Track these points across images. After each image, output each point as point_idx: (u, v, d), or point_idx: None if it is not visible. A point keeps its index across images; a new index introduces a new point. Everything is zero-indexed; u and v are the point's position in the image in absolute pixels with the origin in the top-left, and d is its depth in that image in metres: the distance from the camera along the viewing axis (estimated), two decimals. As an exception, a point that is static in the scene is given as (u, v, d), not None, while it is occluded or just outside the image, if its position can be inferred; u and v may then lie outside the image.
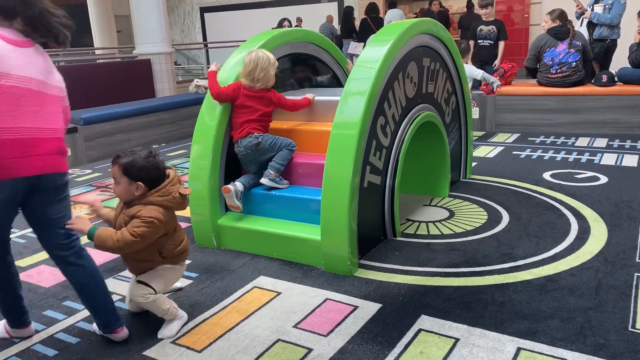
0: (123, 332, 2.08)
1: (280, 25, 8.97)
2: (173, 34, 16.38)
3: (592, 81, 5.62)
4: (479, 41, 6.60)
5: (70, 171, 5.06)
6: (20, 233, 3.39)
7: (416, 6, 12.95)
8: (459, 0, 12.38)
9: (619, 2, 6.00)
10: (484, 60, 6.57)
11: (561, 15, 5.68)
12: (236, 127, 2.92)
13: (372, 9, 9.19)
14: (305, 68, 3.76)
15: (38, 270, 2.78)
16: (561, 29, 5.60)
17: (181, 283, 2.50)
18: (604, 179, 3.87)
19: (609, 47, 6.21)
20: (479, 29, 6.60)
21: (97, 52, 11.42)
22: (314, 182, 2.84)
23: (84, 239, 2.00)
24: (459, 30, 9.92)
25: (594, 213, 3.19)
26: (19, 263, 2.90)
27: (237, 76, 2.94)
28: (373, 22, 8.92)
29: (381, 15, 10.02)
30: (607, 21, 6.04)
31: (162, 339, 2.07)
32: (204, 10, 16.38)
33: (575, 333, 1.97)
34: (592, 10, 6.16)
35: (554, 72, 5.64)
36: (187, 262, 2.76)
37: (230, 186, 2.83)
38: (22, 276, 2.71)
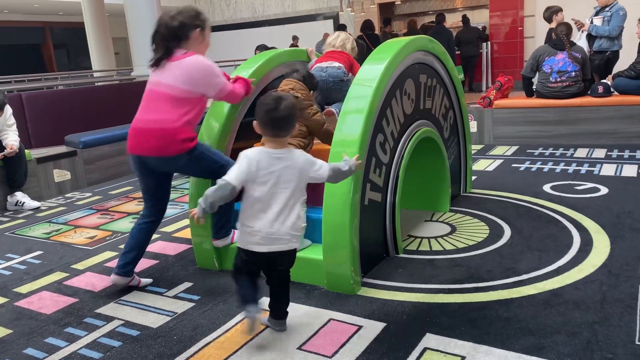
0: None
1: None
2: (170, 55, 16.48)
3: (589, 92, 5.65)
4: None
5: (70, 194, 5.07)
6: (21, 259, 3.37)
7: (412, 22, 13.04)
8: (453, 15, 12.50)
9: (617, 13, 6.01)
10: None
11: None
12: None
13: (367, 26, 9.26)
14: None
15: (39, 297, 2.77)
16: (560, 41, 5.65)
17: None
18: (604, 190, 3.87)
19: (610, 59, 6.22)
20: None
21: (95, 74, 11.47)
22: (314, 201, 2.83)
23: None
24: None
25: (596, 225, 3.18)
26: (18, 290, 2.89)
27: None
28: (369, 39, 8.99)
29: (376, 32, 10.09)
30: (606, 33, 6.06)
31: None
32: (200, 30, 16.54)
33: (582, 348, 1.95)
34: (592, 22, 6.20)
35: (553, 80, 5.66)
36: (189, 284, 2.77)
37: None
38: (23, 303, 2.70)
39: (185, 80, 2.51)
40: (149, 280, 2.83)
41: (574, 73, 5.56)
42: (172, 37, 2.54)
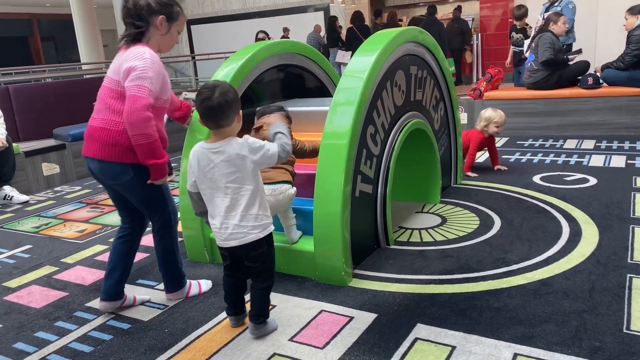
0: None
1: (256, 38, 8.98)
2: (160, 47, 16.32)
3: (578, 84, 5.69)
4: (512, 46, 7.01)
5: (59, 188, 5.03)
6: (10, 253, 3.35)
7: (401, 14, 13.03)
8: (444, 6, 12.49)
9: (567, 7, 6.10)
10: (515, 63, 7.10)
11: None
12: None
13: (357, 18, 9.24)
14: (294, 79, 3.77)
15: (28, 291, 2.75)
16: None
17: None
18: (593, 181, 3.90)
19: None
20: (511, 35, 7.00)
21: (83, 67, 11.35)
22: (305, 193, 2.83)
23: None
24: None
25: (585, 215, 3.21)
26: (8, 284, 2.86)
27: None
28: (359, 31, 8.97)
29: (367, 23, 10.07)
30: None
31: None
32: (190, 22, 16.39)
33: (571, 337, 1.98)
34: (543, 19, 6.26)
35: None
36: (180, 277, 2.75)
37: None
38: (12, 297, 2.69)
39: (116, 70, 2.15)
40: (147, 297, 2.52)
41: (529, 64, 5.81)
42: (135, 16, 2.19)
